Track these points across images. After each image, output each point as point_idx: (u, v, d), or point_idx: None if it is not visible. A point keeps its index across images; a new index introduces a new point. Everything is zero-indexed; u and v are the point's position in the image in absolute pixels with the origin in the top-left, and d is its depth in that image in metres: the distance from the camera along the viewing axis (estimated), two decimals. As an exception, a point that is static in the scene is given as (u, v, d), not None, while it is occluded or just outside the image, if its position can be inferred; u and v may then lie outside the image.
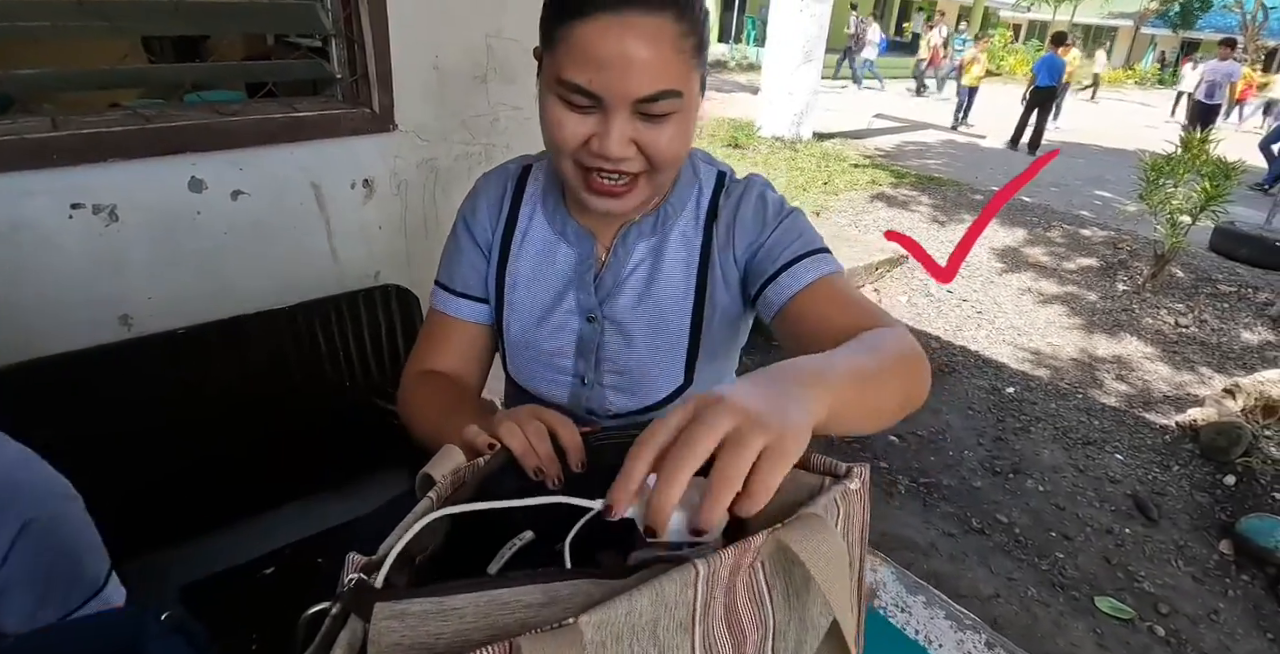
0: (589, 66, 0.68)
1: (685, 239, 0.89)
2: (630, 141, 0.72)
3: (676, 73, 0.70)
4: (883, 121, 11.04)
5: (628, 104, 0.70)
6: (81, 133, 1.17)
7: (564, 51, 0.69)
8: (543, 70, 0.75)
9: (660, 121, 0.72)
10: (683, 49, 0.70)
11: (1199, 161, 4.43)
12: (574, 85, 0.69)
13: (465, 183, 1.61)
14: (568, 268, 0.90)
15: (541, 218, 0.92)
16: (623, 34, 0.67)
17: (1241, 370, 3.83)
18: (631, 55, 0.67)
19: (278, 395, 1.42)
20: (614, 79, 0.68)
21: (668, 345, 0.90)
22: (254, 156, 1.33)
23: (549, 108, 0.73)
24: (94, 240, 1.23)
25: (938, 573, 2.28)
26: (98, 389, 1.25)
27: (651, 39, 0.67)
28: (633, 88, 0.68)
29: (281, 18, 1.39)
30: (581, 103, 0.70)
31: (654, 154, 0.73)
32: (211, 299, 1.35)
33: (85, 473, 1.27)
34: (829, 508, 0.45)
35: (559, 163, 0.77)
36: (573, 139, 0.73)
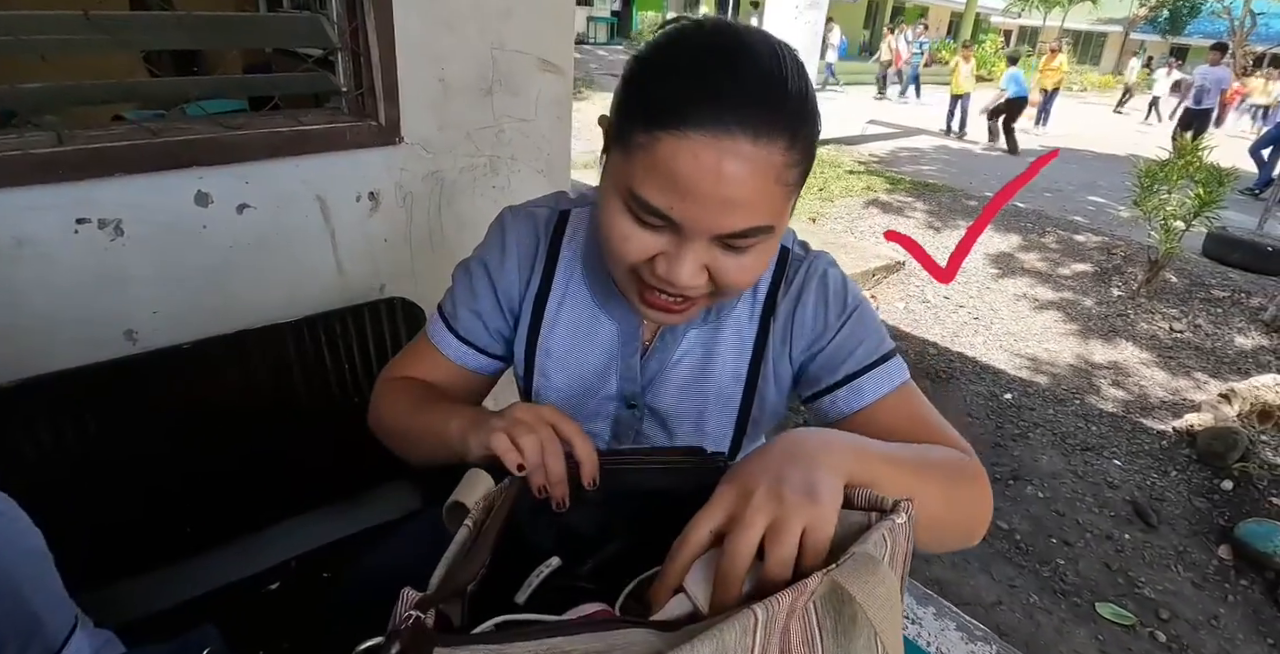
0: (673, 191, 0.57)
1: (739, 333, 0.80)
2: (703, 268, 0.63)
3: (772, 209, 0.60)
4: (877, 127, 11.08)
5: (708, 237, 0.60)
6: (88, 148, 1.16)
7: (644, 164, 0.58)
8: (610, 163, 0.64)
9: (741, 252, 0.62)
10: (787, 182, 0.60)
11: (1192, 167, 4.46)
12: (650, 207, 0.59)
13: (470, 195, 1.62)
14: (610, 344, 0.82)
15: (581, 283, 0.82)
16: (720, 163, 0.55)
17: (1236, 375, 3.86)
18: (727, 190, 0.56)
19: (283, 409, 1.42)
20: (700, 211, 0.57)
21: (709, 442, 0.83)
22: (260, 170, 1.33)
23: (613, 215, 0.62)
24: (99, 255, 1.22)
25: (940, 580, 2.28)
26: (102, 405, 1.24)
27: (754, 172, 0.56)
28: (721, 223, 0.58)
29: (287, 31, 1.38)
30: (653, 223, 0.60)
31: (725, 283, 0.64)
32: (216, 313, 1.35)
33: (88, 488, 1.27)
34: (878, 544, 0.45)
35: (614, 268, 0.67)
36: (636, 254, 0.63)
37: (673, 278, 0.62)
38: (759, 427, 0.86)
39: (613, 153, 0.63)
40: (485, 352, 0.87)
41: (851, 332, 0.77)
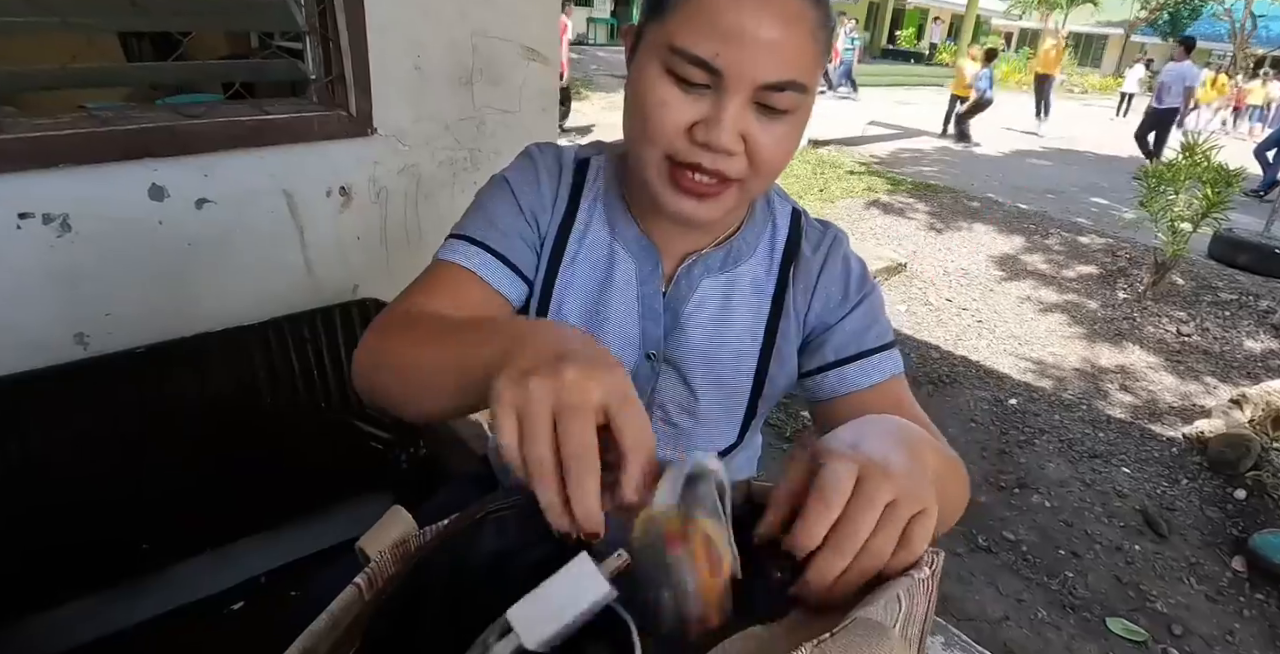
0: (716, 36, 0.58)
1: (756, 284, 0.79)
2: (740, 137, 0.62)
3: (807, 64, 0.61)
4: (877, 128, 11.02)
5: (750, 88, 0.60)
6: (28, 136, 1.08)
7: (686, 16, 0.59)
8: (643, 43, 0.65)
9: (777, 118, 0.63)
10: (818, 39, 0.62)
11: (1200, 168, 4.39)
12: (694, 56, 0.59)
13: (449, 190, 1.53)
14: (627, 284, 0.78)
15: (601, 218, 0.79)
16: (762, 5, 0.58)
17: (1246, 380, 3.77)
18: (768, 32, 0.58)
19: (247, 417, 1.33)
20: (744, 55, 0.58)
21: (727, 401, 0.81)
22: (221, 162, 1.25)
23: (651, 83, 0.62)
24: (45, 253, 1.14)
25: (945, 595, 2.19)
26: (49, 414, 1.16)
27: (793, 19, 0.59)
28: (762, 69, 0.59)
29: (249, 14, 1.30)
30: (697, 78, 0.60)
31: (760, 155, 0.63)
32: (175, 315, 1.26)
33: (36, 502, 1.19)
34: (889, 605, 0.36)
35: (644, 154, 0.65)
36: (675, 122, 0.62)
37: (714, 138, 0.61)
38: (773, 392, 0.82)
39: (648, 30, 0.64)
40: (521, 273, 0.76)
41: (867, 311, 0.79)
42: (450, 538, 0.47)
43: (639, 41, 0.66)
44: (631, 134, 0.67)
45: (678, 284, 0.78)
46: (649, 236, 0.77)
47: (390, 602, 0.42)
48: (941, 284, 4.79)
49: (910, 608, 0.38)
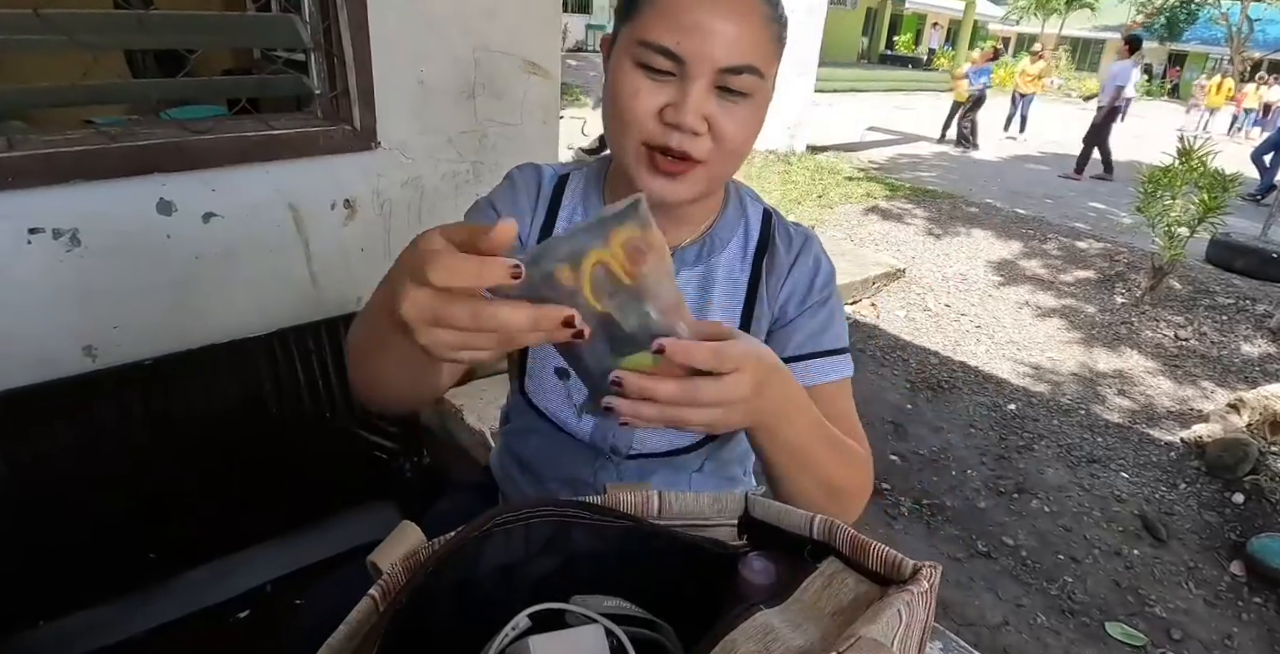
0: (678, 28, 0.66)
1: (731, 275, 0.84)
2: (703, 118, 0.68)
3: (761, 52, 0.69)
4: (875, 134, 11.05)
5: (710, 72, 0.67)
6: (39, 153, 1.10)
7: (652, 13, 0.67)
8: (616, 45, 0.72)
9: (737, 100, 0.69)
10: (770, 31, 0.69)
11: (1196, 173, 4.40)
12: (659, 46, 0.67)
13: (453, 201, 1.55)
14: None
15: (580, 219, 0.85)
16: (716, 2, 0.66)
17: (1244, 384, 3.78)
18: (722, 22, 0.66)
19: (252, 427, 1.35)
20: (702, 43, 0.66)
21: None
22: (227, 176, 1.27)
23: (623, 76, 0.69)
24: (54, 267, 1.16)
25: (944, 600, 2.20)
26: (58, 425, 1.17)
27: (744, 12, 0.67)
28: (720, 54, 0.66)
29: (255, 31, 1.32)
30: (663, 66, 0.67)
31: (724, 135, 0.70)
32: (181, 327, 1.28)
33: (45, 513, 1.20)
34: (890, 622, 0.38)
35: (622, 141, 0.72)
36: (646, 107, 0.69)
37: (680, 118, 0.67)
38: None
39: (620, 31, 0.72)
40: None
41: (827, 312, 0.83)
42: (458, 550, 0.48)
43: (613, 45, 0.73)
44: (611, 126, 0.73)
45: None
46: None
47: (401, 613, 0.44)
48: (940, 289, 4.80)
49: (909, 620, 0.40)
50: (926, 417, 3.31)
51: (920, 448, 3.04)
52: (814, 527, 0.52)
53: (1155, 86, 26.62)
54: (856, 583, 0.45)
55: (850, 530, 0.51)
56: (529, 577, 0.53)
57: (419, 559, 0.46)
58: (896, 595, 0.40)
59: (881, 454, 2.93)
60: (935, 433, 3.17)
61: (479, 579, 0.51)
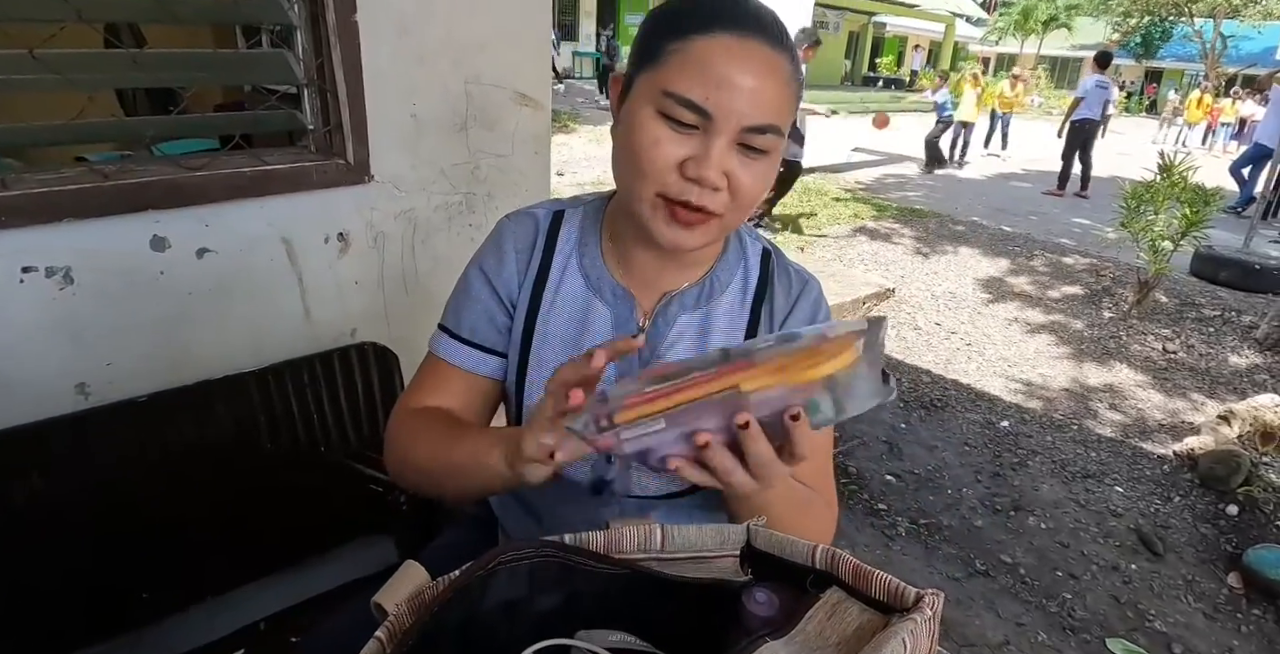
0: (708, 82, 0.65)
1: (731, 318, 0.84)
2: (724, 173, 0.69)
3: (784, 110, 0.69)
4: (861, 155, 11.16)
5: (735, 129, 0.67)
6: (33, 192, 1.10)
7: (678, 64, 0.67)
8: (635, 90, 0.71)
9: (755, 158, 0.70)
10: (790, 89, 0.70)
11: (1178, 188, 4.47)
12: (687, 99, 0.66)
13: (446, 233, 1.56)
14: (604, 331, 0.83)
15: (576, 271, 0.84)
16: (747, 57, 0.66)
17: (1233, 395, 3.81)
18: (752, 79, 0.66)
19: (247, 463, 1.34)
20: (731, 100, 0.66)
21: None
22: (221, 212, 1.27)
23: (644, 123, 0.69)
24: (47, 305, 1.16)
25: (945, 620, 2.17)
26: (51, 464, 1.16)
27: (771, 70, 0.67)
28: (747, 112, 0.66)
29: (250, 68, 1.34)
30: (687, 119, 0.67)
31: (740, 190, 0.70)
32: (175, 363, 1.28)
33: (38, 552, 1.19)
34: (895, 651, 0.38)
35: (637, 189, 0.71)
36: (666, 159, 0.68)
37: (703, 175, 0.67)
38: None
39: (639, 79, 0.71)
40: (494, 351, 0.86)
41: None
42: (462, 589, 0.48)
43: (629, 89, 0.73)
44: (624, 171, 0.73)
45: (655, 322, 0.83)
46: (625, 280, 0.83)
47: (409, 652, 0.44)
48: (930, 308, 4.83)
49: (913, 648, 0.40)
50: (920, 435, 3.31)
51: (915, 467, 3.04)
52: (816, 556, 0.52)
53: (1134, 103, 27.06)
54: (860, 612, 0.46)
55: (853, 559, 0.51)
56: (533, 613, 0.53)
57: (424, 599, 0.46)
58: (900, 624, 0.41)
59: (877, 474, 2.94)
60: (930, 452, 3.18)
61: (483, 616, 0.52)
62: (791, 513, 0.70)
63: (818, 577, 0.52)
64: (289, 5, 1.28)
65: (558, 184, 6.77)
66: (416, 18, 1.38)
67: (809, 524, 0.73)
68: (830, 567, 0.51)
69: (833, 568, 0.51)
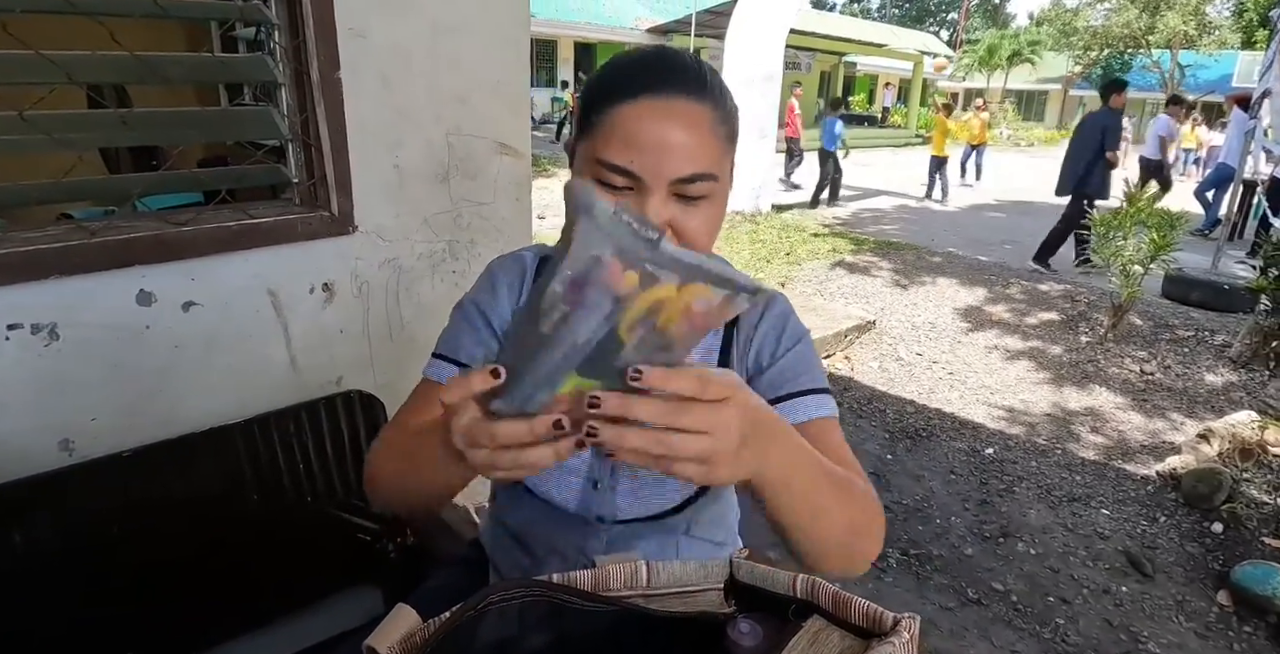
0: (631, 147, 0.70)
1: (705, 346, 0.88)
2: (665, 223, 0.73)
3: (712, 157, 0.73)
4: (837, 189, 11.35)
5: (666, 184, 0.71)
6: (21, 250, 1.12)
7: (606, 132, 0.72)
8: (577, 159, 0.77)
9: (695, 204, 0.74)
10: (718, 135, 0.74)
11: (1144, 214, 4.60)
12: (614, 165, 0.71)
13: (429, 280, 1.59)
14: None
15: None
16: (665, 116, 0.70)
17: (1211, 413, 3.87)
18: (673, 137, 0.70)
19: (234, 515, 1.34)
20: (655, 159, 0.70)
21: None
22: (207, 266, 1.29)
23: None
24: (32, 362, 1.16)
25: (939, 651, 2.18)
26: (32, 522, 1.16)
27: (692, 123, 0.71)
28: (672, 168, 0.71)
29: (235, 125, 1.37)
30: (619, 183, 0.72)
31: (686, 234, 0.74)
32: (161, 417, 1.28)
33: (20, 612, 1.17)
34: None
35: None
36: None
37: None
38: None
39: (578, 152, 0.76)
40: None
41: (799, 357, 0.86)
42: (453, 630, 0.50)
43: (574, 156, 0.78)
44: None
45: None
46: None
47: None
48: (911, 339, 4.89)
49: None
50: (907, 465, 3.33)
51: (903, 498, 3.05)
52: (797, 586, 0.54)
53: (1098, 132, 27.84)
54: (841, 638, 0.47)
55: (832, 587, 0.53)
56: (523, 652, 0.54)
57: (415, 642, 0.47)
58: (879, 648, 0.43)
59: (866, 505, 2.94)
60: (916, 481, 3.19)
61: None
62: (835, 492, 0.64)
63: (800, 606, 0.54)
64: (274, 64, 1.32)
65: (540, 227, 6.85)
66: (398, 73, 1.43)
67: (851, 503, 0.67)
68: (811, 595, 0.53)
69: (813, 596, 0.53)
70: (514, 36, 1.59)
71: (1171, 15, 24.42)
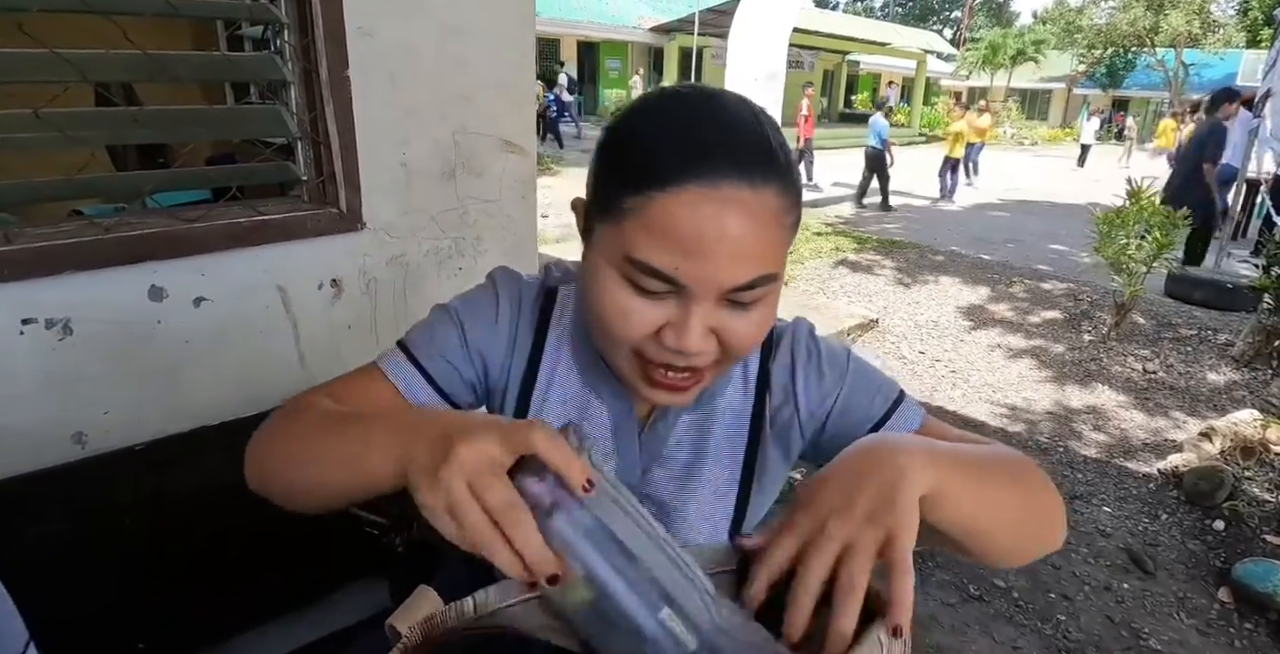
0: (674, 251, 0.55)
1: (734, 412, 0.77)
2: (710, 332, 0.60)
3: (775, 254, 0.59)
4: (840, 189, 11.38)
5: (716, 295, 0.57)
6: (35, 246, 1.14)
7: (639, 227, 0.56)
8: (597, 240, 0.61)
9: (748, 309, 0.60)
10: (784, 225, 0.59)
11: (1146, 213, 4.60)
12: (653, 269, 0.56)
13: (436, 277, 1.61)
14: (603, 430, 0.77)
15: (570, 368, 0.77)
16: (721, 213, 0.54)
17: (1214, 412, 3.88)
18: (729, 239, 0.54)
19: (242, 509, 1.33)
20: (706, 267, 0.55)
21: (711, 523, 0.78)
22: (217, 261, 1.31)
23: (609, 290, 0.59)
24: (46, 356, 1.18)
25: (941, 647, 2.20)
26: (45, 515, 1.17)
27: (755, 219, 0.55)
28: (728, 276, 0.56)
29: (245, 123, 1.39)
30: (656, 288, 0.57)
31: (734, 345, 0.61)
32: (172, 411, 1.30)
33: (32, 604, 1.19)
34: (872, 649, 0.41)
35: (611, 352, 0.64)
36: (640, 329, 0.59)
37: (683, 346, 0.58)
38: (760, 504, 0.81)
39: (598, 228, 0.61)
40: (446, 395, 0.75)
41: (857, 382, 0.75)
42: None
43: (590, 232, 0.63)
44: (593, 324, 0.65)
45: (654, 425, 0.76)
46: (621, 386, 0.75)
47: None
48: (913, 337, 4.90)
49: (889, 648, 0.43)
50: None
51: (906, 494, 3.07)
52: None
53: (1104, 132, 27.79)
54: None
55: None
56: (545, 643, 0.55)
57: (435, 622, 0.49)
58: (876, 626, 0.44)
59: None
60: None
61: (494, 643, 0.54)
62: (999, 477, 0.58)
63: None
64: (283, 63, 1.34)
65: (543, 226, 6.86)
66: (405, 72, 1.44)
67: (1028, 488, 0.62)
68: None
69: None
70: (519, 36, 1.61)
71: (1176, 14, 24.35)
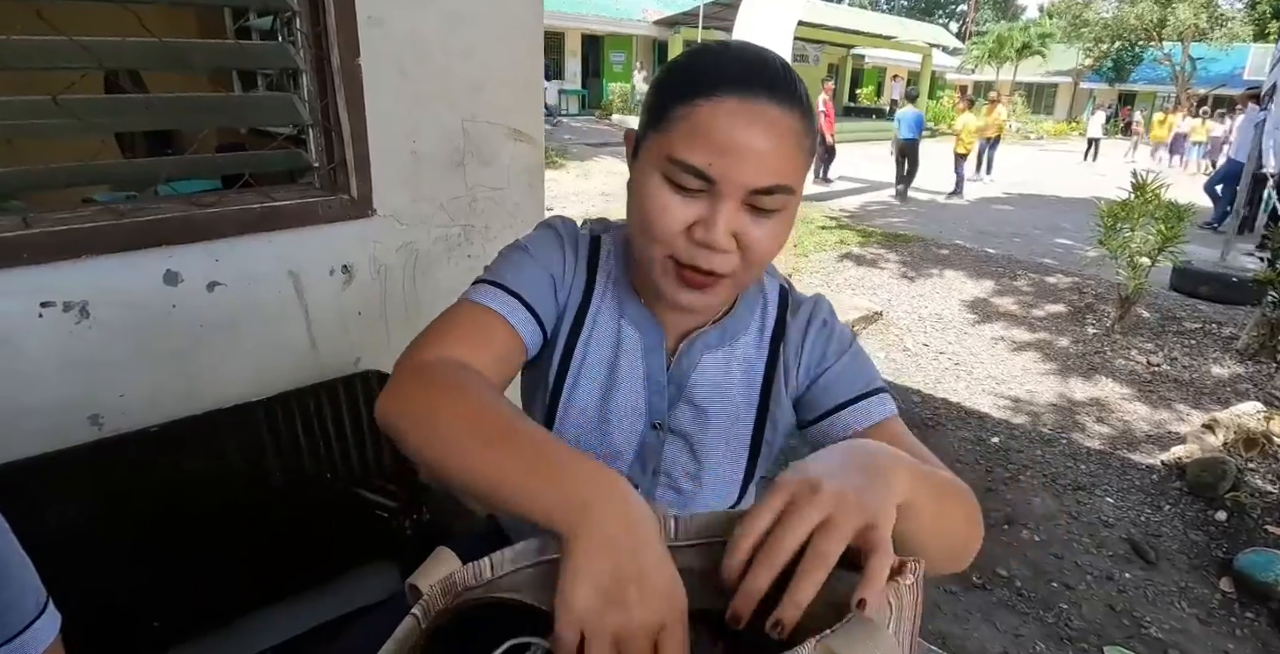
0: (710, 148, 0.65)
1: (749, 358, 0.86)
2: (732, 235, 0.69)
3: (794, 168, 0.68)
4: (846, 183, 11.36)
5: (742, 193, 0.67)
6: (54, 230, 1.15)
7: (683, 130, 0.66)
8: (644, 151, 0.72)
9: (766, 217, 0.69)
10: (803, 147, 0.69)
11: (1152, 206, 4.60)
12: (690, 166, 0.66)
13: (445, 264, 1.62)
14: (635, 361, 0.84)
15: (611, 299, 0.86)
16: (752, 120, 0.65)
17: (1217, 405, 3.88)
18: (757, 143, 0.65)
19: (255, 491, 1.37)
20: (735, 165, 0.65)
21: (729, 465, 0.87)
22: (231, 247, 1.33)
23: (652, 190, 0.69)
24: (64, 339, 1.20)
25: (943, 634, 2.22)
26: (63, 495, 1.19)
27: (780, 131, 0.66)
28: (752, 176, 0.66)
29: (258, 110, 1.40)
30: (692, 185, 0.67)
31: (752, 251, 0.70)
32: (186, 394, 1.32)
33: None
34: (881, 608, 0.43)
35: (647, 251, 0.72)
36: (675, 224, 0.69)
37: (710, 239, 0.67)
38: (769, 454, 0.89)
39: (648, 139, 0.71)
40: (542, 322, 0.80)
41: (851, 362, 0.84)
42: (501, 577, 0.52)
43: (639, 148, 0.73)
44: (636, 231, 0.74)
45: (680, 360, 0.84)
46: (654, 317, 0.84)
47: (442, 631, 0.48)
48: (917, 330, 4.91)
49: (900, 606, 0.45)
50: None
51: (909, 484, 3.08)
52: None
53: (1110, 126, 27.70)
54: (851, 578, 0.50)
55: None
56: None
57: (453, 581, 0.50)
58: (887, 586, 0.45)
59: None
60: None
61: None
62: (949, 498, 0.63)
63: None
64: (295, 51, 1.36)
65: (547, 217, 6.86)
66: (416, 62, 1.46)
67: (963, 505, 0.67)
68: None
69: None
70: (527, 26, 1.62)
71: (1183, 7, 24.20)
